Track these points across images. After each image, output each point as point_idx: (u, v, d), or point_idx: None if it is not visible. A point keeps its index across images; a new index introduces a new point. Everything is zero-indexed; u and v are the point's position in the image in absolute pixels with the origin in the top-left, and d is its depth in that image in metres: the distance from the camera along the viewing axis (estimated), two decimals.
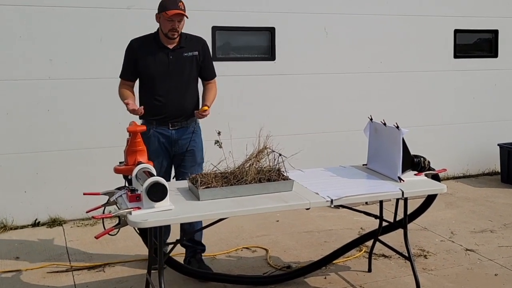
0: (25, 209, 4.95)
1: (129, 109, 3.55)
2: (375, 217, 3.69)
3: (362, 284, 3.72)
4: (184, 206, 2.84)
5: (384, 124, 3.43)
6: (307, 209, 3.00)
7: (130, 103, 3.55)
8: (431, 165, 3.48)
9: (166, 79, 3.68)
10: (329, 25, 5.90)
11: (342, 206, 3.28)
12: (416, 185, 3.27)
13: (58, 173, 5.03)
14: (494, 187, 6.28)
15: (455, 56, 6.57)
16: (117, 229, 2.76)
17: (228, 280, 3.69)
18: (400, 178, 3.28)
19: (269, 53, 5.73)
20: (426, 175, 3.41)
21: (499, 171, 6.62)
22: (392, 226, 3.69)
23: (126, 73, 3.78)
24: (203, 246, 3.98)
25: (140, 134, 3.66)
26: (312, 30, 5.84)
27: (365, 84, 6.15)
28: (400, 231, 3.54)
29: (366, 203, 4.73)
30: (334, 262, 3.98)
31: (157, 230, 2.86)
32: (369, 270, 3.92)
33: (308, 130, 5.89)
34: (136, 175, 2.90)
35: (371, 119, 3.63)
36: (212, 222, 3.16)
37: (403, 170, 3.32)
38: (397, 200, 3.52)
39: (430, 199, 3.58)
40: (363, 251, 4.21)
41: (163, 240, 3.60)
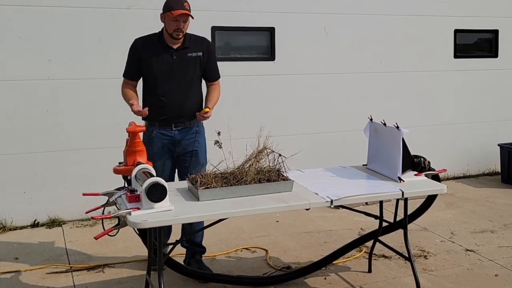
0: (24, 210, 4.94)
1: (134, 110, 3.53)
2: (375, 218, 3.69)
3: (362, 285, 3.71)
4: (184, 207, 2.83)
5: (384, 124, 3.43)
6: (307, 210, 3.00)
7: (135, 104, 3.53)
8: (431, 165, 3.48)
9: (170, 79, 3.65)
10: (329, 25, 5.89)
11: (342, 207, 3.28)
12: (416, 186, 3.26)
13: (57, 174, 5.02)
14: (495, 187, 6.27)
15: (455, 56, 6.56)
16: (117, 230, 2.76)
17: (228, 281, 3.68)
18: (400, 179, 3.28)
19: (269, 53, 5.73)
20: (426, 176, 3.41)
21: (500, 171, 6.62)
22: (392, 227, 3.69)
23: (129, 72, 3.76)
24: (203, 248, 3.98)
25: (142, 135, 3.67)
26: (312, 30, 5.84)
27: (365, 84, 6.14)
28: (400, 232, 3.54)
29: (366, 204, 4.72)
30: (334, 263, 3.97)
31: (157, 231, 2.85)
32: (369, 271, 3.91)
33: (308, 130, 5.89)
34: (136, 176, 2.90)
35: (371, 119, 3.62)
36: (212, 223, 3.16)
37: (403, 171, 3.32)
38: (397, 201, 3.52)
39: (430, 200, 3.58)
40: (363, 252, 4.20)
41: (164, 241, 3.61)
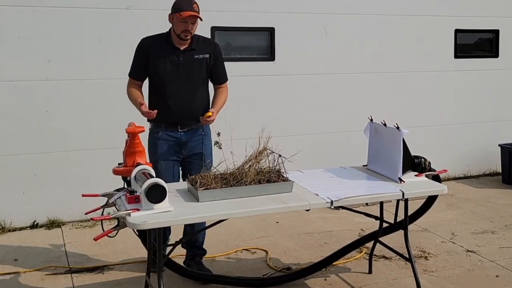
0: (24, 211, 4.93)
1: (143, 111, 3.49)
2: (376, 218, 3.68)
3: (363, 286, 3.70)
4: (183, 208, 2.82)
5: (384, 125, 3.42)
6: (307, 211, 2.99)
7: (144, 104, 3.49)
8: (432, 166, 3.47)
9: (176, 81, 3.61)
10: (329, 25, 5.88)
11: (342, 207, 3.28)
12: (417, 186, 3.25)
13: (57, 175, 5.01)
14: (495, 188, 6.26)
15: (456, 56, 6.55)
16: (116, 231, 2.75)
17: (228, 282, 3.67)
18: (401, 179, 3.26)
19: (269, 54, 5.71)
20: (427, 176, 3.40)
21: (500, 172, 6.60)
22: (393, 227, 3.68)
23: (136, 72, 3.71)
24: (204, 251, 3.97)
25: (148, 136, 3.65)
26: (312, 30, 5.82)
27: (365, 84, 6.13)
28: (401, 233, 3.53)
29: (367, 204, 4.71)
30: (334, 264, 3.96)
31: (156, 232, 2.84)
32: (370, 272, 3.90)
33: (308, 131, 5.87)
34: (135, 177, 2.89)
35: (371, 120, 3.61)
36: (212, 224, 3.15)
37: (404, 171, 3.31)
38: (398, 201, 3.51)
39: (431, 200, 3.57)
40: (364, 253, 4.19)
41: (165, 241, 3.60)
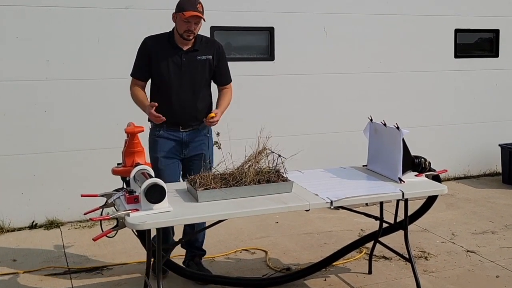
0: (22, 211, 4.92)
1: (153, 115, 3.43)
2: (376, 219, 3.67)
3: (362, 286, 3.69)
4: (183, 208, 2.81)
5: (384, 125, 3.41)
6: (307, 211, 2.98)
7: (155, 107, 3.42)
8: (432, 166, 3.46)
9: (178, 81, 3.57)
10: (329, 25, 5.87)
11: (342, 208, 3.27)
12: (417, 186, 3.24)
13: (56, 175, 5.00)
14: (495, 188, 6.25)
15: (456, 56, 6.54)
16: (115, 231, 2.74)
17: (227, 283, 3.66)
18: (401, 179, 3.25)
19: (268, 53, 5.70)
20: (427, 176, 3.39)
21: (500, 172, 6.60)
22: (393, 228, 3.67)
23: (139, 72, 3.65)
24: (204, 251, 3.95)
25: (149, 134, 3.64)
26: (312, 30, 5.81)
27: (365, 84, 6.12)
28: (401, 233, 3.52)
29: (366, 205, 4.70)
30: (334, 264, 3.95)
31: (156, 232, 2.83)
32: (370, 272, 3.89)
33: (308, 131, 5.86)
34: (134, 177, 2.88)
35: (371, 120, 3.60)
36: (211, 224, 3.14)
37: (404, 171, 3.30)
38: (398, 201, 3.51)
39: (431, 200, 3.56)
40: (363, 253, 4.18)
41: (169, 242, 3.59)
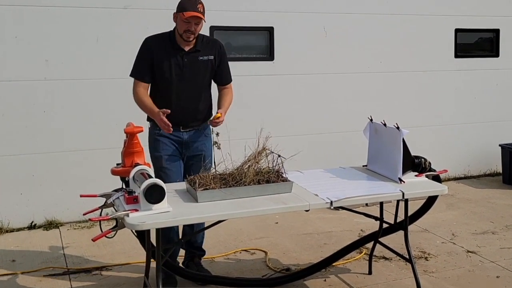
0: (21, 212, 4.91)
1: (164, 122, 3.39)
2: (375, 219, 3.67)
3: (362, 287, 3.68)
4: (182, 208, 2.80)
5: (384, 125, 3.40)
6: (307, 211, 2.97)
7: (166, 113, 3.38)
8: (432, 166, 3.45)
9: (179, 82, 3.55)
10: (329, 25, 5.86)
11: (342, 208, 3.26)
12: (417, 186, 3.23)
13: (55, 175, 4.99)
14: (496, 188, 6.24)
15: (456, 56, 6.53)
16: (115, 232, 2.74)
17: (227, 283, 3.65)
18: (401, 179, 3.25)
19: (268, 53, 5.69)
20: (427, 176, 3.39)
21: (501, 172, 6.59)
22: (393, 228, 3.66)
23: (142, 73, 3.56)
24: (203, 252, 3.94)
25: (149, 133, 3.63)
26: (312, 30, 5.80)
27: (365, 84, 6.11)
28: (401, 233, 3.51)
29: (366, 205, 4.69)
30: (334, 265, 3.94)
31: (156, 233, 2.82)
32: (370, 273, 3.88)
33: (308, 131, 5.85)
34: (134, 177, 2.87)
35: (371, 120, 3.59)
36: (211, 224, 3.13)
37: (404, 171, 3.29)
38: (398, 202, 3.50)
39: (431, 201, 3.56)
40: (363, 253, 4.17)
41: (173, 241, 3.58)
